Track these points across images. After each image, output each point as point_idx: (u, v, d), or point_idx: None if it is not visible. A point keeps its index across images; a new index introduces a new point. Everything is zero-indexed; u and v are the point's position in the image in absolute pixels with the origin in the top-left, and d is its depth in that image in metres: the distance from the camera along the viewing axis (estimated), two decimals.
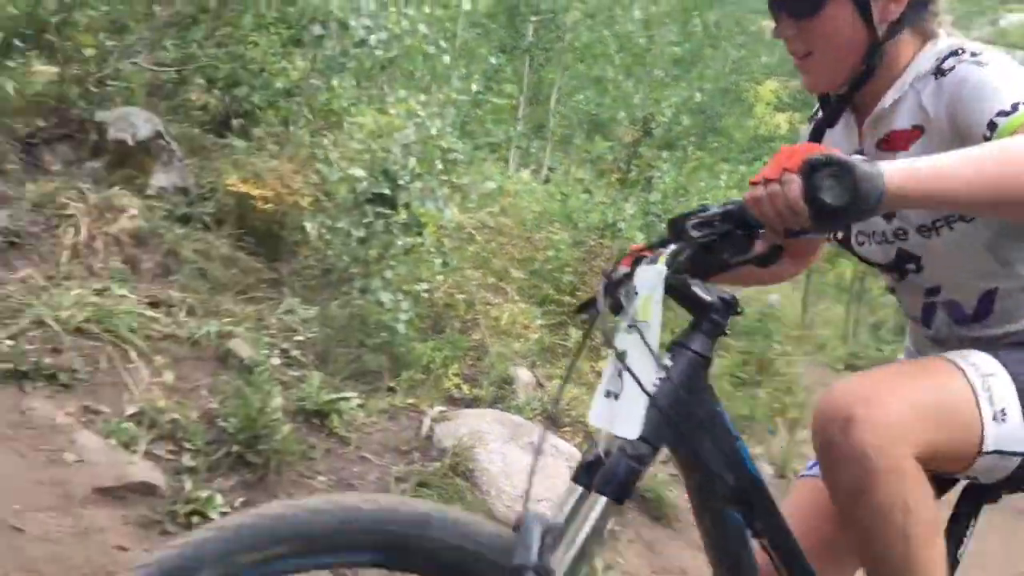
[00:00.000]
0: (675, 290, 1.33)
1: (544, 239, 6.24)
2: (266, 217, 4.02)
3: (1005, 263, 1.45)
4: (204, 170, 4.12)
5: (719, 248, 1.29)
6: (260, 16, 4.81)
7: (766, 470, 5.19)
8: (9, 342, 2.85)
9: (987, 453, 1.32)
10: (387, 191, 3.72)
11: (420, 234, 3.92)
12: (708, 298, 1.34)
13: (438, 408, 3.54)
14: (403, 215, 3.77)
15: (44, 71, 3.79)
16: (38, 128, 3.79)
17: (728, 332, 1.36)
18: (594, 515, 1.24)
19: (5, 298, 3.02)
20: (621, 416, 1.26)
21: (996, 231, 1.43)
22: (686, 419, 1.30)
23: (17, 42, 3.92)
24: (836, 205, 1.13)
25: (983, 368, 1.36)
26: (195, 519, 2.45)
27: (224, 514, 2.50)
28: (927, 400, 1.32)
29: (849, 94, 1.49)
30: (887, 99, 1.47)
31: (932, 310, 1.55)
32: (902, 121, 1.46)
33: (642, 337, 1.27)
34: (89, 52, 4.03)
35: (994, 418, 1.32)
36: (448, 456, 3.23)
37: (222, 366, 3.25)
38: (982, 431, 1.31)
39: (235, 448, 2.73)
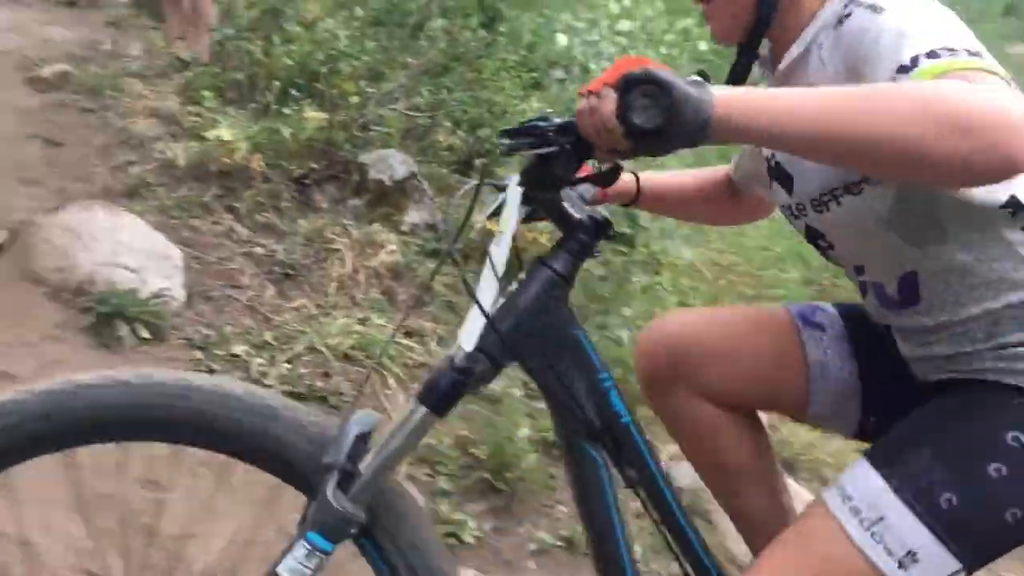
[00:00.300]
0: (544, 205, 1.28)
1: (773, 277, 6.10)
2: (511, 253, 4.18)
3: (916, 243, 1.25)
4: (452, 208, 4.36)
5: (553, 163, 1.20)
6: (503, 61, 5.05)
7: None
8: (287, 366, 3.13)
9: None
10: (627, 230, 3.79)
11: (658, 272, 3.96)
12: (577, 216, 1.28)
13: (674, 447, 3.54)
14: (642, 254, 3.82)
15: (315, 117, 4.15)
16: (310, 169, 4.15)
17: (596, 254, 1.30)
18: (410, 424, 1.22)
19: (283, 325, 3.34)
20: (467, 326, 1.22)
21: (891, 206, 1.23)
22: (534, 338, 1.25)
23: (293, 91, 4.34)
24: (646, 127, 1.02)
25: (868, 511, 1.18)
26: (451, 540, 2.59)
27: (478, 539, 2.64)
28: None
29: (749, 46, 1.34)
30: (785, 60, 1.31)
31: (864, 289, 1.40)
32: (803, 83, 1.28)
33: (487, 249, 1.23)
34: (353, 99, 4.39)
35: (900, 566, 1.16)
36: (684, 496, 3.22)
37: (470, 395, 3.41)
38: None
39: (485, 475, 2.86)
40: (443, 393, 1.23)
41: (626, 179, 1.64)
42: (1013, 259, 1.20)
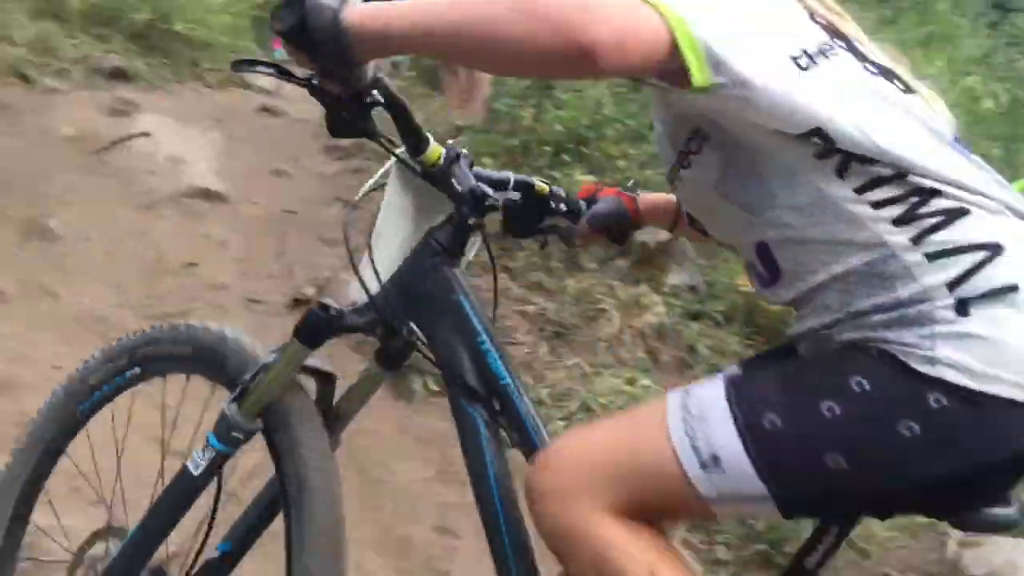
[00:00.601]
0: (432, 177, 1.36)
1: None
2: (772, 316, 4.13)
3: (751, 210, 1.19)
4: (715, 270, 4.37)
5: (335, 109, 1.27)
6: None
7: None
8: (561, 422, 3.26)
9: (718, 500, 1.11)
10: None
11: None
12: (459, 189, 1.34)
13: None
14: None
15: (585, 180, 4.31)
16: None
17: (480, 226, 1.35)
18: (286, 354, 1.39)
19: (557, 383, 3.47)
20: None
21: (719, 174, 1.20)
22: (416, 303, 1.35)
23: (563, 155, 4.54)
24: (283, 29, 1.14)
25: (695, 409, 1.13)
26: None
27: None
28: (617, 457, 1.17)
29: None
30: None
31: (749, 271, 1.31)
32: None
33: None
34: (619, 162, 4.53)
35: (703, 467, 1.11)
36: None
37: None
38: (690, 483, 1.11)
39: (763, 547, 2.82)
40: (313, 329, 1.37)
41: (666, 199, 1.63)
42: (844, 220, 1.14)
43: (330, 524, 1.38)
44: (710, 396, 1.16)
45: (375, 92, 1.26)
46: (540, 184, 1.51)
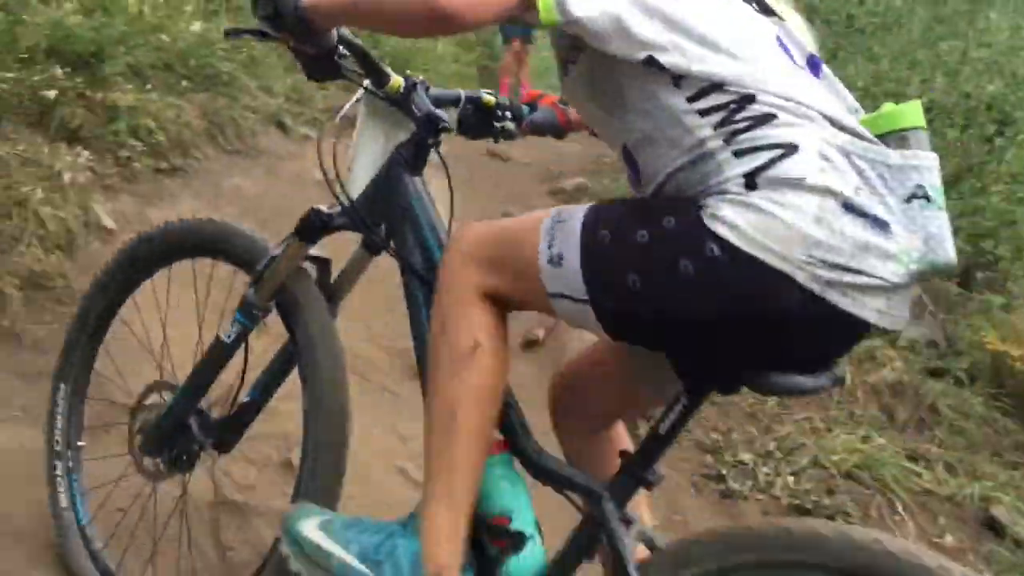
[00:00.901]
0: (396, 103, 1.65)
1: None
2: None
3: (612, 113, 1.40)
4: (956, 324, 4.13)
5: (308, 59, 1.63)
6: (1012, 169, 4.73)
7: None
8: (791, 478, 3.17)
9: (554, 295, 1.35)
10: None
11: None
12: (418, 113, 1.62)
13: None
14: None
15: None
16: None
17: (436, 144, 1.63)
18: (288, 250, 1.72)
19: (786, 436, 3.39)
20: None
21: (587, 80, 1.43)
22: (380, 204, 1.64)
23: None
24: (262, 14, 1.50)
25: (564, 214, 1.37)
26: None
27: None
28: (503, 241, 1.42)
29: None
30: None
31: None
32: None
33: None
34: None
35: (550, 262, 1.34)
36: None
37: (983, 531, 3.17)
38: (539, 274, 1.35)
39: None
40: (310, 228, 1.70)
41: None
42: (678, 127, 1.31)
43: (335, 375, 1.70)
44: (576, 210, 1.38)
45: (340, 47, 1.60)
46: (487, 97, 1.84)
